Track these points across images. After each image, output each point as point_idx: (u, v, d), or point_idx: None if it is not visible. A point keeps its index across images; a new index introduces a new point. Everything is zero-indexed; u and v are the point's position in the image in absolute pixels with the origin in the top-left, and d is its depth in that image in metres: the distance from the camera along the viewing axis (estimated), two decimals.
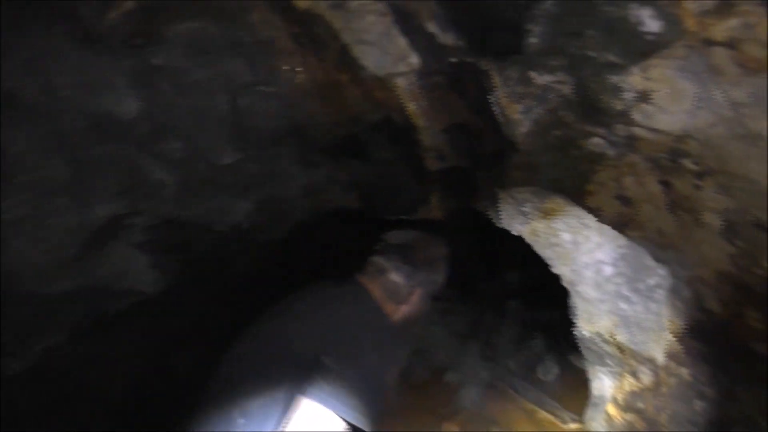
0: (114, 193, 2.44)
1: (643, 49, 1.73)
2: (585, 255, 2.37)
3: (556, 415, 3.10)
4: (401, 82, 2.48)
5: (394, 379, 1.71)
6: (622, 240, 2.35)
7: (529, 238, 2.58)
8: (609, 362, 2.34)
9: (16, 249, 2.35)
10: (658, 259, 2.22)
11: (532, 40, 2.03)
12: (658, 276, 2.20)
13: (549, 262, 2.43)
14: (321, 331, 1.63)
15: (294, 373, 1.51)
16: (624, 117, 2.05)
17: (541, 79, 2.35)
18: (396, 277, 1.86)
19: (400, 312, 1.86)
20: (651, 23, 1.63)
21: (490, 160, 2.94)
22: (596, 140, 2.42)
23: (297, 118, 2.59)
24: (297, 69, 2.37)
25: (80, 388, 3.57)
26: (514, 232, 2.67)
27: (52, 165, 2.26)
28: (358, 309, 1.76)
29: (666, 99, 1.82)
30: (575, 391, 3.05)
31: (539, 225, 2.60)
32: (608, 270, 2.33)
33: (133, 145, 2.34)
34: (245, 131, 2.50)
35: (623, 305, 2.23)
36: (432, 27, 2.21)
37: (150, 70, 2.21)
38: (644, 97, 1.89)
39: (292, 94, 2.46)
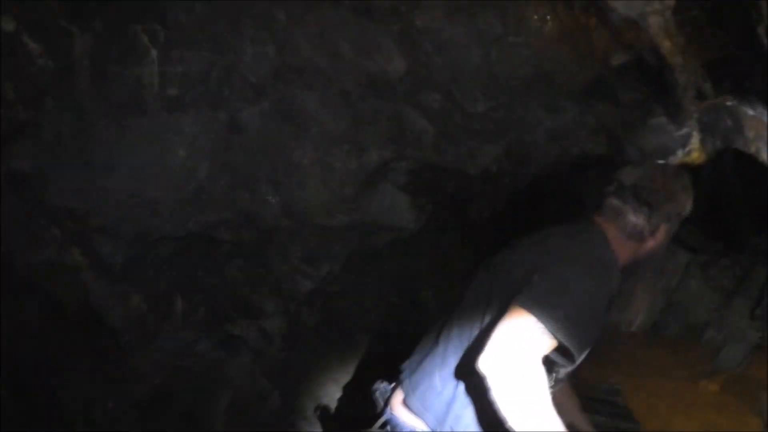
0: (384, 141, 2.86)
1: None
2: None
3: None
4: (654, 20, 2.43)
5: (606, 313, 1.75)
6: None
7: None
8: None
9: (310, 188, 2.91)
10: None
11: None
12: None
13: None
14: (537, 258, 1.74)
15: (509, 294, 1.64)
16: None
17: None
18: (635, 218, 1.85)
19: (645, 248, 1.89)
20: None
21: (758, 97, 2.73)
22: None
23: (545, 65, 2.71)
24: (546, 17, 2.48)
25: (348, 310, 4.20)
26: None
27: (336, 119, 2.73)
28: (583, 241, 1.79)
29: None
30: None
31: None
32: None
33: (400, 99, 2.70)
34: (496, 81, 2.70)
35: None
36: None
37: (414, 31, 2.52)
38: None
39: (540, 42, 2.58)
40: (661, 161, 2.62)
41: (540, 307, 1.53)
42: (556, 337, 1.53)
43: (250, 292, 3.60)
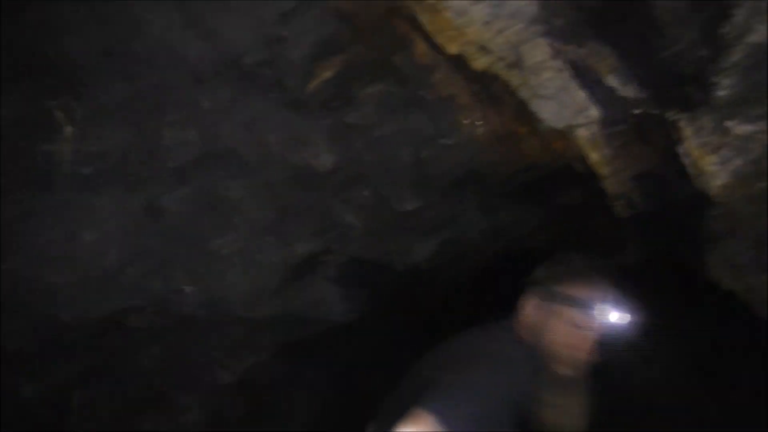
0: (311, 234, 2.76)
1: None
2: None
3: None
4: (582, 133, 2.45)
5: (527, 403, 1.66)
6: None
7: (744, 296, 2.38)
8: None
9: (230, 279, 2.76)
10: None
11: (721, 92, 1.90)
12: None
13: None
14: (446, 356, 1.68)
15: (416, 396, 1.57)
16: None
17: (741, 129, 2.18)
18: (535, 311, 1.79)
19: (543, 338, 1.78)
20: None
21: (684, 210, 2.77)
22: None
23: (476, 167, 2.70)
24: (476, 122, 2.48)
25: (278, 403, 3.98)
26: (724, 287, 2.48)
27: (261, 209, 2.63)
28: (488, 338, 1.74)
29: None
30: None
31: (755, 282, 2.40)
32: None
33: (328, 193, 2.63)
34: (427, 180, 2.67)
35: None
36: (612, 81, 2.17)
37: (344, 127, 2.48)
38: None
39: (471, 145, 2.58)
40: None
41: (435, 406, 1.46)
42: None
43: (164, 384, 3.37)
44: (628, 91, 2.17)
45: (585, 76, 2.21)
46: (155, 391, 3.36)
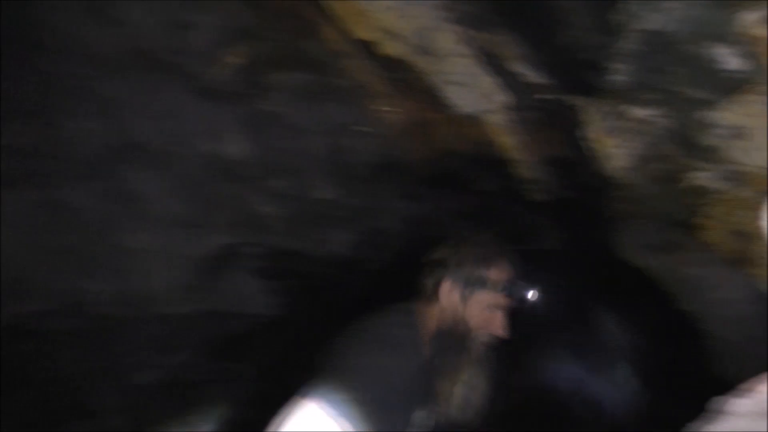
0: (229, 225, 2.72)
1: (728, 86, 1.65)
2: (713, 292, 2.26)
3: None
4: (493, 119, 2.52)
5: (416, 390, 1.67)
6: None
7: (654, 274, 2.50)
8: None
9: (146, 275, 2.69)
10: None
11: (618, 77, 2.00)
12: None
13: (675, 297, 2.34)
14: (339, 343, 1.67)
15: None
16: (721, 153, 1.95)
17: (638, 112, 2.30)
18: (448, 293, 1.75)
19: (441, 314, 1.79)
20: (730, 61, 1.56)
21: (594, 193, 2.88)
22: (702, 174, 2.31)
23: (394, 155, 2.73)
24: (391, 110, 2.51)
25: (205, 400, 3.90)
26: (634, 266, 2.59)
27: (176, 202, 2.57)
28: (384, 322, 1.74)
29: (761, 135, 1.71)
30: None
31: (659, 259, 2.52)
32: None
33: (244, 183, 2.60)
34: (345, 168, 2.68)
35: None
36: (517, 67, 2.24)
37: (259, 115, 2.45)
38: (739, 133, 1.80)
39: (387, 132, 2.60)
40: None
41: (316, 393, 1.47)
42: (339, 421, 1.46)
43: (85, 389, 3.24)
44: (533, 77, 2.25)
45: (494, 63, 2.27)
46: (76, 397, 3.24)
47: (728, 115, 1.77)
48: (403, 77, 2.37)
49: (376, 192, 2.89)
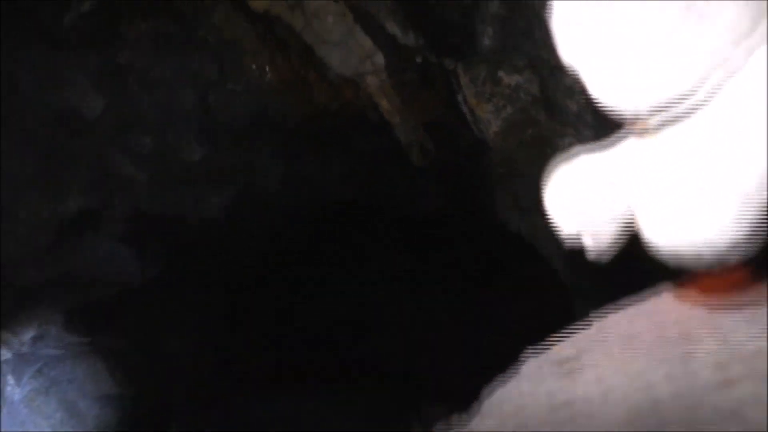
0: (85, 187, 2.49)
1: None
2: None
3: None
4: (371, 81, 2.46)
5: None
6: None
7: (529, 237, 2.56)
8: None
9: None
10: None
11: (486, 40, 1.99)
12: None
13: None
14: None
15: None
16: (581, 118, 2.01)
17: (510, 78, 2.32)
18: None
19: None
20: None
21: (471, 157, 2.92)
22: (568, 140, 2.38)
23: (270, 114, 2.60)
24: (264, 67, 2.37)
25: (72, 375, 3.66)
26: (512, 229, 2.65)
27: (20, 161, 2.31)
28: None
29: None
30: None
31: (538, 223, 2.57)
32: None
33: (102, 141, 2.38)
34: (215, 126, 2.52)
35: None
36: (392, 28, 2.19)
37: (115, 68, 2.23)
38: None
39: (261, 91, 2.47)
40: None
41: None
42: None
43: None
44: (408, 39, 2.20)
45: (367, 22, 2.19)
46: None
47: None
48: (277, 34, 2.24)
49: (251, 151, 2.75)
